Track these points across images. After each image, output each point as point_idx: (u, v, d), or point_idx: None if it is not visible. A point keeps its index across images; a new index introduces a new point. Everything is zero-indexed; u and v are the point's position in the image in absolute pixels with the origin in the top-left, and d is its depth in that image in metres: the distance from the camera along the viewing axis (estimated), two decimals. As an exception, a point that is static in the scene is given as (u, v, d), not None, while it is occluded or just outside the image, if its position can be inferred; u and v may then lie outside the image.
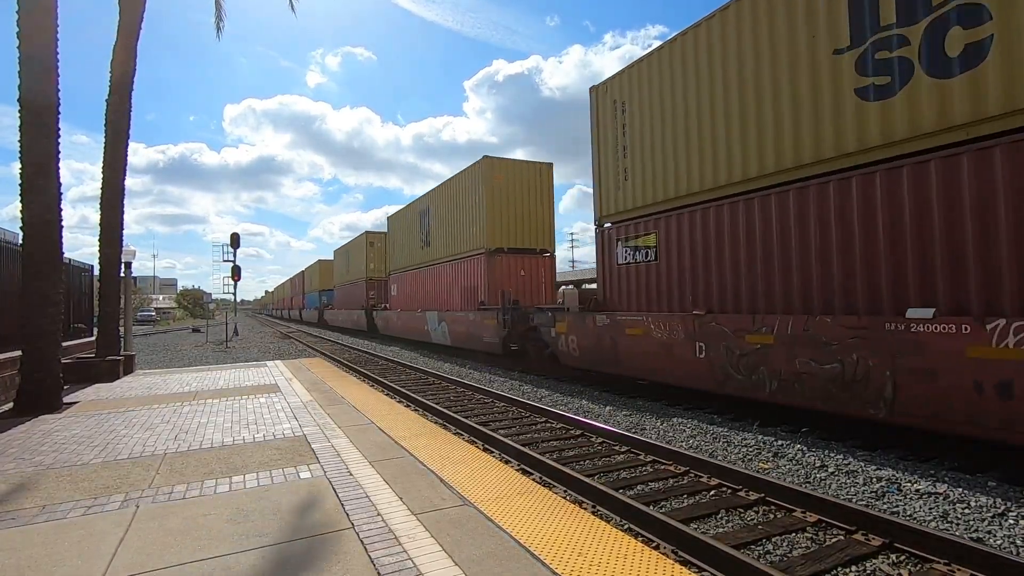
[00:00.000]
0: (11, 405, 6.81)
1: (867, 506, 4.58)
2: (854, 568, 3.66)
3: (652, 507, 4.62)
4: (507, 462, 6.15)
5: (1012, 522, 4.24)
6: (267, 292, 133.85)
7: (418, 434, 5.25)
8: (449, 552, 2.74)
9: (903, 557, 3.78)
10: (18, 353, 6.90)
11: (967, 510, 4.51)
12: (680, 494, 5.05)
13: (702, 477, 5.43)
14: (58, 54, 6.84)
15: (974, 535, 4.09)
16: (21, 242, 6.95)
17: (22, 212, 6.68)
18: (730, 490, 5.08)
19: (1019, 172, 5.07)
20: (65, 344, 8.33)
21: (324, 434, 5.25)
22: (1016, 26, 5.14)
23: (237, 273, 25.11)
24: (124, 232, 10.21)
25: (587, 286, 17.80)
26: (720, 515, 4.58)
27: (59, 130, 6.90)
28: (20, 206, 6.68)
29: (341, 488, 3.70)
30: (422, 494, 3.56)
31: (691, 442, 6.80)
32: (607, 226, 10.68)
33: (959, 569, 3.53)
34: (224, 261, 25.37)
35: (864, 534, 4.03)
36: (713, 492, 5.10)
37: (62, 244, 6.99)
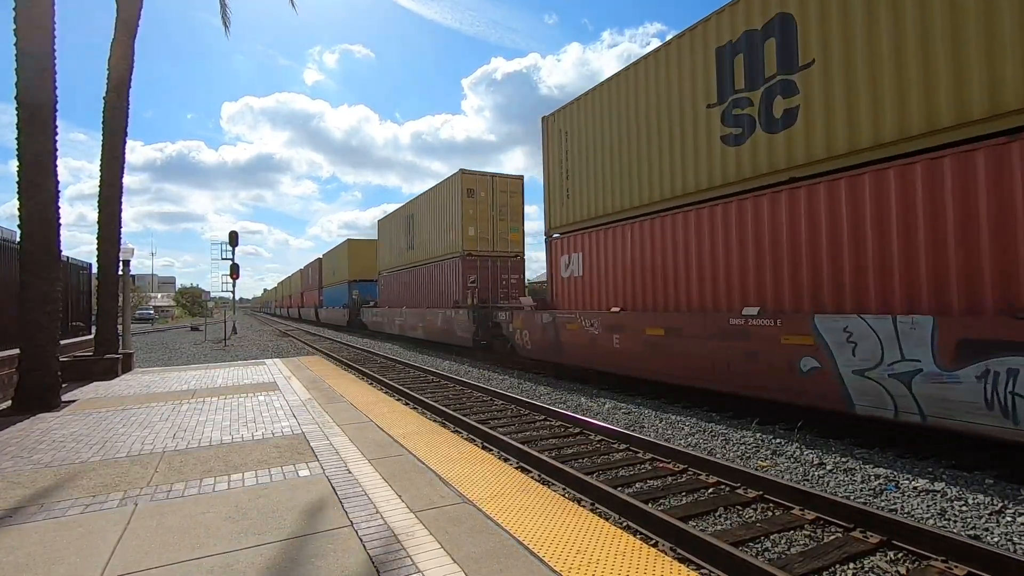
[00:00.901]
0: (9, 403, 6.80)
1: (865, 504, 4.59)
2: (852, 565, 3.67)
3: (651, 505, 4.63)
4: (506, 460, 6.15)
5: (1009, 519, 4.26)
6: (265, 291, 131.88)
7: (417, 432, 5.25)
8: (448, 550, 2.74)
9: (901, 554, 3.79)
10: (16, 351, 6.89)
11: (965, 507, 4.52)
12: (679, 492, 5.06)
13: (700, 475, 5.44)
14: (56, 51, 6.82)
15: (971, 532, 4.11)
16: (19, 240, 6.94)
17: (20, 210, 6.66)
18: (729, 488, 5.09)
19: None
20: (63, 342, 8.33)
21: (323, 432, 5.25)
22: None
23: (236, 271, 25.10)
24: (122, 230, 10.21)
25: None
26: (719, 513, 4.58)
27: (57, 127, 6.88)
28: (18, 204, 6.66)
29: (340, 486, 3.70)
30: (421, 492, 3.57)
31: (690, 440, 6.81)
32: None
33: (957, 566, 3.54)
34: (223, 259, 25.36)
35: (862, 531, 4.04)
36: (712, 490, 5.11)
37: (60, 242, 6.98)
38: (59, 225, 6.92)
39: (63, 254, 7.89)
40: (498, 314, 14.87)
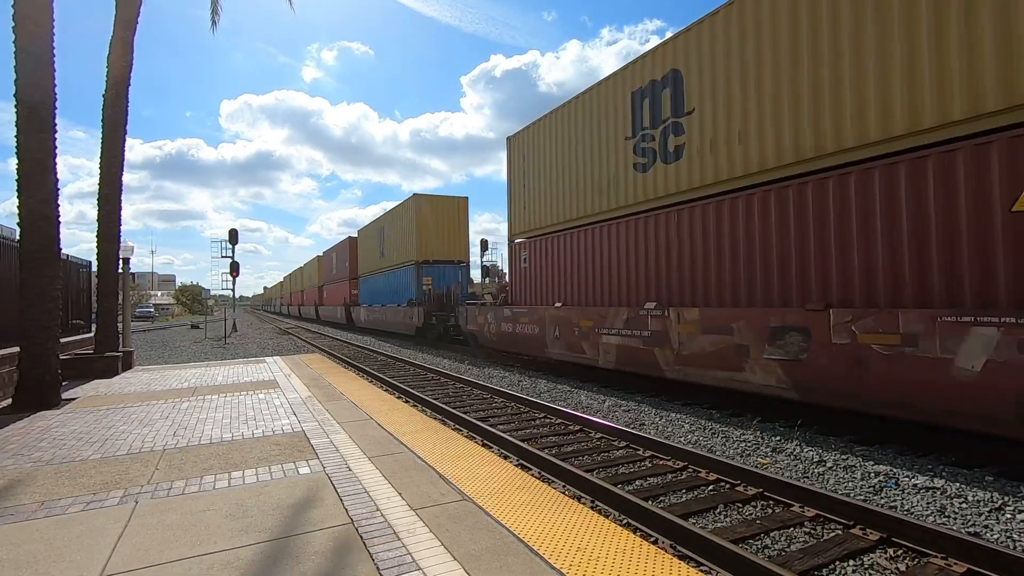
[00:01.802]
0: (9, 401, 6.80)
1: (865, 501, 4.60)
2: (852, 562, 3.67)
3: (651, 502, 4.63)
4: (506, 457, 6.16)
5: (1009, 516, 4.26)
6: (266, 288, 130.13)
7: (417, 430, 5.25)
8: (448, 547, 2.75)
9: (901, 551, 3.79)
10: (16, 349, 6.88)
11: (964, 504, 4.52)
12: (679, 489, 5.06)
13: (700, 472, 5.44)
14: (55, 49, 6.81)
15: (971, 529, 4.11)
16: (19, 238, 6.93)
17: (20, 208, 6.65)
18: (729, 485, 5.09)
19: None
20: (63, 340, 8.32)
21: (323, 430, 5.26)
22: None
23: (236, 269, 25.07)
24: (122, 228, 10.20)
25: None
26: (719, 510, 4.59)
27: (56, 125, 6.87)
28: (17, 202, 6.66)
29: (340, 483, 3.71)
30: (421, 489, 3.57)
31: (690, 437, 6.82)
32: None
33: (956, 563, 3.54)
34: (223, 257, 25.30)
35: (862, 528, 4.04)
36: (712, 487, 5.11)
37: (60, 240, 6.97)
38: (59, 223, 6.91)
39: (63, 252, 7.88)
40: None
